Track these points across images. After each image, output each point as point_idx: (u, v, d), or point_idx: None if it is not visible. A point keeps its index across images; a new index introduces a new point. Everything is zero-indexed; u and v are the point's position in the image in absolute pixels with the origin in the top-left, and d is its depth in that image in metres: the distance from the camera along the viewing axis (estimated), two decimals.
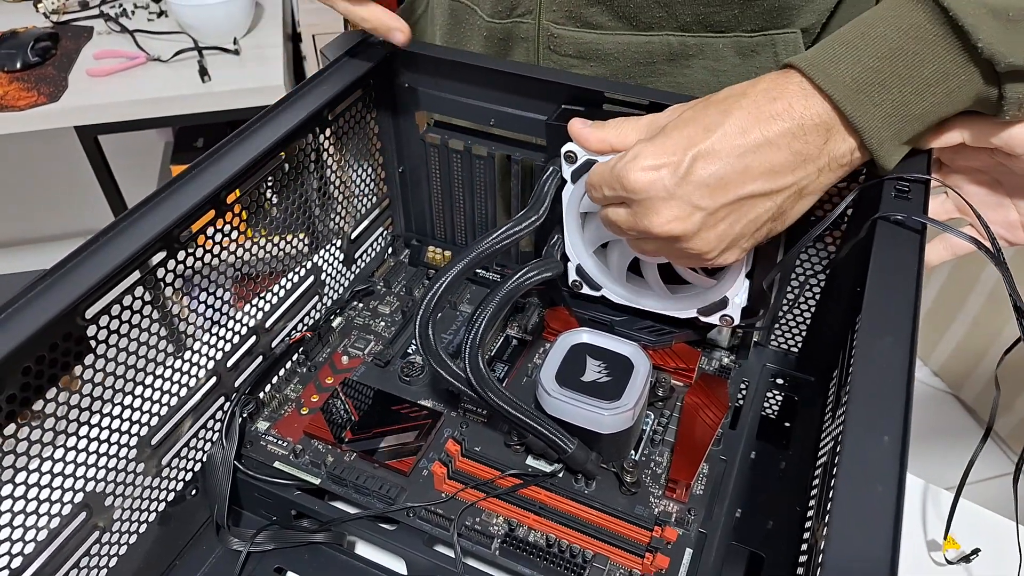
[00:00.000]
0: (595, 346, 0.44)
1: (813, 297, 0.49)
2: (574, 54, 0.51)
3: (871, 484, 0.23)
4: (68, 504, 0.36)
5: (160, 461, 0.41)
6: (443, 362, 0.41)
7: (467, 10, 0.55)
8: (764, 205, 0.35)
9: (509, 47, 0.54)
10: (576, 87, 0.45)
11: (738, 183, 0.34)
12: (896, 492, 0.23)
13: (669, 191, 0.34)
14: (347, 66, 0.48)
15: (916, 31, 0.32)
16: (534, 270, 0.43)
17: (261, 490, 0.44)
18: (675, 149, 0.34)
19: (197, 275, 0.40)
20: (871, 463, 0.24)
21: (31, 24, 1.24)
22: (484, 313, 0.40)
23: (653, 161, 0.34)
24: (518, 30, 0.53)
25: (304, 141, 0.46)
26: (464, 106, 0.51)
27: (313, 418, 0.46)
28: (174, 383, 0.40)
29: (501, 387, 0.40)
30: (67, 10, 1.29)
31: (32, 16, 1.28)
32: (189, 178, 0.38)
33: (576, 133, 0.40)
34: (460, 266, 0.41)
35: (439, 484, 0.42)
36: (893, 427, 0.25)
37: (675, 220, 0.35)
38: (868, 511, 0.23)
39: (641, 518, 0.40)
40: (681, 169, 0.34)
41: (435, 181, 0.57)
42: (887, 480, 0.23)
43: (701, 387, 0.47)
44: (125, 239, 0.34)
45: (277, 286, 0.48)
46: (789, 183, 0.34)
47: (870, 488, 0.23)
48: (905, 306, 0.29)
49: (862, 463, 0.24)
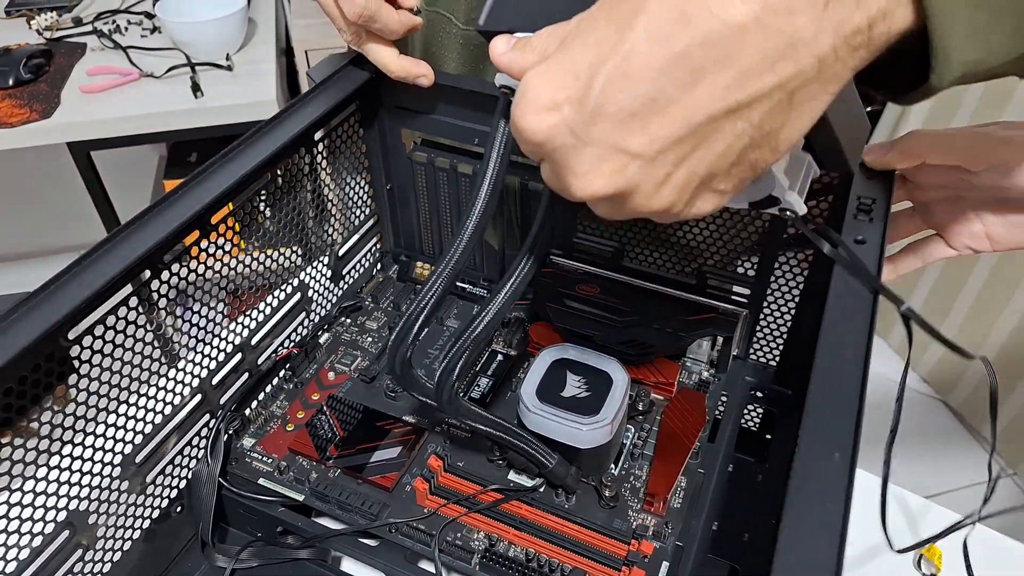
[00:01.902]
0: (575, 361, 0.45)
1: (789, 312, 0.50)
2: None
3: (822, 503, 0.24)
4: (51, 522, 0.36)
5: (145, 478, 0.41)
6: (421, 388, 0.40)
7: (443, 19, 0.57)
8: (733, 128, 0.23)
9: (486, 53, 0.55)
10: None
11: (683, 104, 0.22)
12: (843, 510, 0.24)
13: (579, 137, 0.24)
14: (334, 87, 0.48)
15: None
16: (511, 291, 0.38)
17: (246, 507, 0.44)
18: (577, 71, 0.24)
19: (182, 294, 0.41)
20: (821, 481, 0.24)
21: (24, 41, 1.25)
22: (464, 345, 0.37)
23: (549, 95, 0.24)
24: None
25: (291, 161, 0.47)
26: (449, 126, 0.52)
27: (298, 435, 0.46)
28: (159, 401, 0.41)
29: (478, 409, 0.40)
30: (60, 27, 1.30)
31: (25, 33, 1.29)
32: (175, 199, 0.39)
33: (496, 60, 0.30)
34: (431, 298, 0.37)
35: (421, 500, 0.43)
36: (843, 444, 0.25)
37: (598, 176, 0.24)
38: (816, 529, 0.23)
39: (619, 532, 0.41)
40: (589, 100, 0.23)
41: (422, 198, 0.57)
42: (836, 499, 0.24)
43: (680, 401, 0.48)
44: (109, 260, 0.35)
45: (264, 303, 0.49)
46: (768, 86, 0.22)
47: (821, 505, 0.24)
48: (860, 329, 0.30)
49: (812, 481, 0.25)
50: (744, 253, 0.50)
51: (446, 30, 0.57)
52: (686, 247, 0.51)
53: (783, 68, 0.22)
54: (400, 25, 0.46)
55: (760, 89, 0.22)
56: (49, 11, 1.33)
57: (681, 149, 0.24)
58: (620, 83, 0.23)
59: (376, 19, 0.44)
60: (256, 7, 1.35)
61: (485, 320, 0.36)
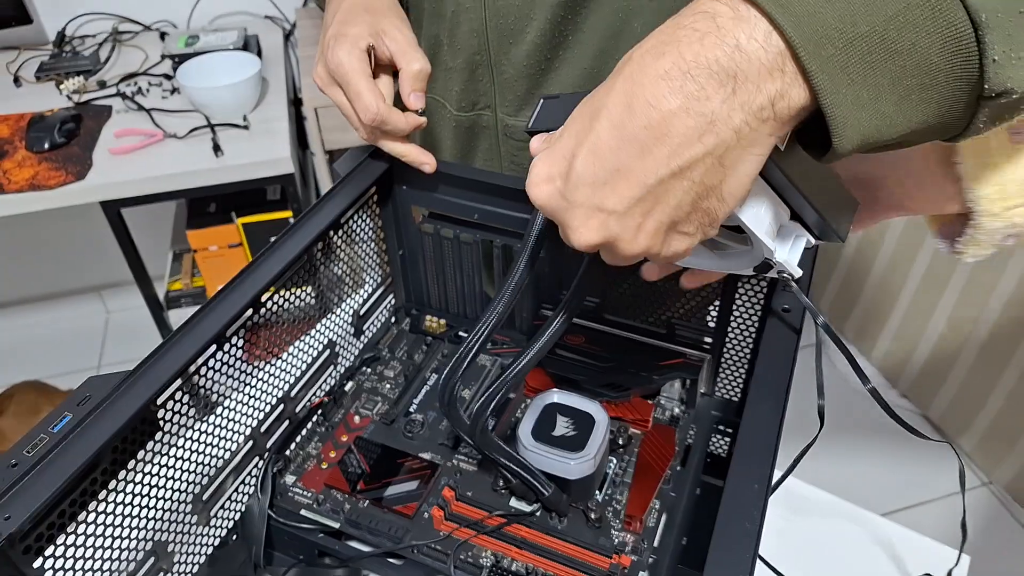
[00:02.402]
0: (564, 405, 0.54)
1: (747, 355, 0.59)
2: (525, 140, 0.62)
3: (741, 521, 0.33)
4: (141, 551, 0.45)
5: (209, 513, 0.50)
6: (464, 425, 0.48)
7: (439, 104, 0.67)
8: (680, 186, 0.30)
9: (475, 135, 0.66)
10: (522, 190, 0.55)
11: (638, 171, 0.30)
12: (758, 528, 0.32)
13: (568, 200, 0.32)
14: (357, 178, 0.58)
15: None
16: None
17: (290, 534, 0.53)
18: (564, 152, 0.32)
19: (238, 362, 0.50)
20: (743, 505, 0.33)
21: (55, 105, 1.35)
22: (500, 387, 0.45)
23: (546, 171, 0.32)
24: (480, 120, 0.65)
25: (324, 241, 0.56)
26: (452, 203, 0.61)
27: (332, 472, 0.55)
28: (220, 448, 0.50)
29: (502, 444, 0.48)
30: (87, 90, 1.41)
31: (55, 97, 1.40)
32: (235, 285, 0.48)
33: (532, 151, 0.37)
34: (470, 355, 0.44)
35: (438, 525, 0.51)
36: (760, 478, 0.34)
37: (587, 230, 0.32)
38: (737, 542, 0.32)
39: (603, 548, 0.49)
40: (573, 174, 0.31)
41: (430, 262, 0.67)
42: (752, 519, 0.33)
43: (654, 435, 0.56)
44: (189, 340, 0.44)
45: (299, 360, 0.58)
46: (699, 153, 0.29)
47: (740, 523, 0.33)
48: (780, 380, 0.39)
49: (736, 505, 0.33)
50: (705, 306, 0.59)
51: (441, 113, 0.67)
52: (657, 302, 0.60)
53: (708, 139, 0.29)
54: (407, 125, 0.55)
55: (693, 156, 0.29)
56: (76, 75, 1.44)
57: (644, 204, 0.31)
58: (592, 159, 0.30)
59: (387, 122, 0.54)
60: (267, 63, 1.45)
61: (519, 366, 0.44)
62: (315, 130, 1.45)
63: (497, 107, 0.63)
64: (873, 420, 1.57)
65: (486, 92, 0.64)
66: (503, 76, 0.63)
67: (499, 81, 0.63)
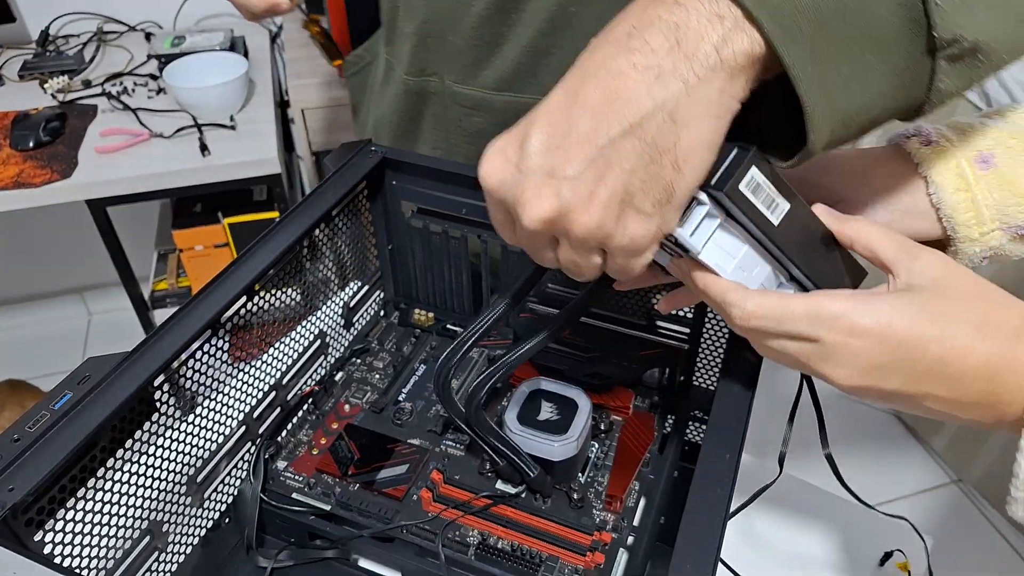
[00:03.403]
0: (548, 391, 0.56)
1: (723, 346, 0.61)
2: (471, 107, 0.66)
3: (713, 488, 0.35)
4: (137, 529, 0.46)
5: (203, 495, 0.51)
6: (456, 407, 0.50)
7: (391, 66, 0.70)
8: (632, 146, 0.29)
9: (423, 99, 0.69)
10: None
11: (589, 132, 0.30)
12: (729, 493, 0.35)
13: (520, 170, 0.31)
14: (347, 173, 0.60)
15: None
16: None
17: (282, 517, 0.54)
18: (518, 130, 0.32)
19: (233, 347, 0.51)
20: (715, 473, 0.35)
21: (39, 104, 1.35)
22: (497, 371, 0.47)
23: (500, 144, 0.32)
24: (428, 87, 0.68)
25: (315, 234, 0.57)
26: (440, 199, 0.63)
27: (323, 457, 0.56)
28: (214, 432, 0.51)
29: (492, 424, 0.50)
30: (72, 89, 1.41)
31: (39, 96, 1.40)
32: (229, 273, 0.50)
33: None
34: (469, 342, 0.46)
35: (426, 506, 0.53)
36: (732, 448, 0.37)
37: (540, 200, 0.31)
38: (709, 507, 0.34)
39: (585, 527, 0.51)
40: (526, 144, 0.31)
41: (418, 256, 0.68)
42: (724, 485, 0.35)
43: (634, 421, 0.59)
44: (189, 322, 0.46)
45: (291, 349, 0.59)
46: (649, 107, 0.29)
47: (712, 491, 0.35)
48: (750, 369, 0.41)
49: (709, 473, 0.36)
50: None
51: (392, 77, 0.71)
52: (638, 295, 0.62)
53: (656, 92, 0.29)
54: None
55: (642, 111, 0.29)
56: (60, 75, 1.44)
57: (597, 167, 0.30)
58: (545, 126, 0.31)
59: None
60: (253, 65, 1.46)
61: (518, 353, 0.45)
62: (302, 132, 1.46)
63: (445, 76, 0.66)
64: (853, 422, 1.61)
65: (435, 60, 0.66)
66: (451, 46, 0.64)
67: (448, 51, 0.65)
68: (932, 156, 0.43)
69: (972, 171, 0.42)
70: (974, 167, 0.42)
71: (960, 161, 0.43)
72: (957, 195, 0.42)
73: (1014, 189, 0.42)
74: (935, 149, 0.43)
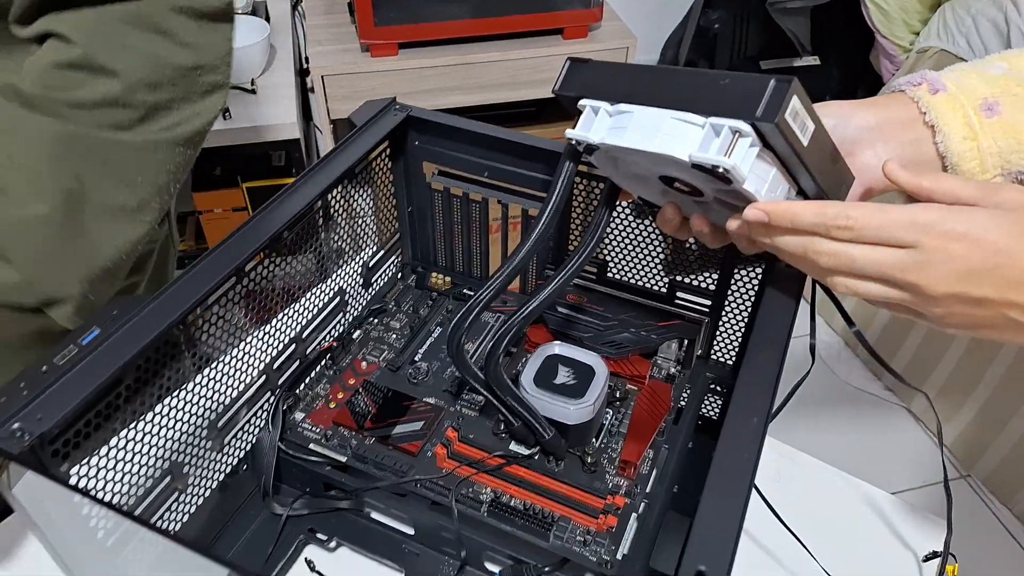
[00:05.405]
0: (565, 356, 0.56)
1: (743, 319, 0.61)
2: None
3: (739, 451, 0.35)
4: (159, 469, 0.47)
5: (223, 440, 0.52)
6: (471, 370, 0.50)
7: None
8: None
9: None
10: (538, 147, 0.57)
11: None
12: (755, 459, 0.35)
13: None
14: (371, 130, 0.59)
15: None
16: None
17: (299, 467, 0.55)
18: None
19: (256, 296, 0.52)
20: (742, 436, 0.35)
21: None
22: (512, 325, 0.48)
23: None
24: None
25: (339, 189, 0.58)
26: (462, 161, 0.63)
27: (340, 411, 0.57)
28: (235, 379, 0.52)
29: (509, 383, 0.50)
30: None
31: None
32: (256, 220, 0.50)
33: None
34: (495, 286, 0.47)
35: (440, 462, 0.53)
36: (760, 411, 0.36)
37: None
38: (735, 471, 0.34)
39: (598, 490, 0.51)
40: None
41: (438, 219, 0.68)
42: (751, 449, 0.35)
43: (650, 390, 0.59)
44: (211, 268, 0.46)
45: (310, 303, 0.59)
46: None
47: (739, 455, 0.35)
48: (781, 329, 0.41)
49: (736, 436, 0.35)
50: (707, 270, 0.61)
51: None
52: (659, 264, 0.62)
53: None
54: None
55: None
56: None
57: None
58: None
59: None
60: (274, 31, 1.46)
61: (532, 305, 0.47)
62: (321, 99, 1.46)
63: None
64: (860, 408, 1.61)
65: None
66: None
67: None
68: (939, 105, 0.44)
69: (978, 119, 0.43)
70: (980, 115, 0.43)
71: (967, 110, 0.43)
72: (964, 144, 0.43)
73: (1018, 136, 0.43)
74: (942, 98, 0.44)
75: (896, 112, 0.45)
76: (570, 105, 0.45)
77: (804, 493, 0.58)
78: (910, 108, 0.45)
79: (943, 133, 0.43)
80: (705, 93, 0.38)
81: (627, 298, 0.64)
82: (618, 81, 0.42)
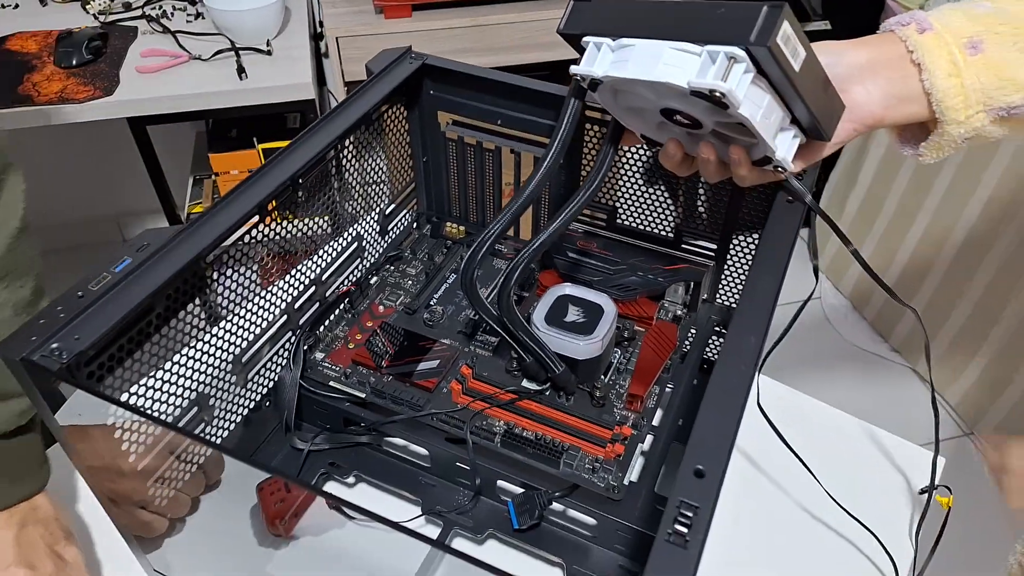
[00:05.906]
0: (575, 296, 0.57)
1: (747, 265, 0.62)
2: None
3: (737, 364, 0.37)
4: (187, 399, 0.49)
5: (247, 375, 0.54)
6: (483, 305, 0.52)
7: None
8: None
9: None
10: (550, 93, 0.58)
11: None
12: (753, 370, 0.36)
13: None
14: (387, 78, 0.61)
15: None
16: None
17: (319, 403, 0.57)
18: None
19: (278, 237, 0.54)
20: (740, 352, 0.37)
21: (82, 24, 1.37)
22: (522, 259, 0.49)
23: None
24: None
25: (355, 135, 0.59)
26: (476, 109, 0.64)
27: (359, 351, 0.59)
28: (259, 316, 0.54)
29: (521, 318, 0.52)
30: (112, 11, 1.42)
31: (81, 16, 1.41)
32: (273, 164, 0.52)
33: None
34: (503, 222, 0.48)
35: (456, 397, 0.55)
36: (757, 332, 0.38)
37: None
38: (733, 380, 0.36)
39: (606, 422, 0.54)
40: None
41: (452, 169, 0.70)
42: (748, 363, 0.37)
43: (657, 330, 0.60)
44: (238, 205, 0.48)
45: (329, 247, 0.61)
46: None
47: (736, 368, 0.36)
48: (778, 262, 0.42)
49: (735, 352, 0.37)
50: (712, 215, 0.62)
51: None
52: (666, 211, 0.63)
53: None
54: None
55: None
56: None
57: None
58: None
59: None
60: None
61: (541, 238, 0.48)
62: (335, 62, 1.46)
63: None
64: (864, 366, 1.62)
65: None
66: None
67: None
68: (926, 43, 0.45)
69: (963, 57, 0.44)
70: (964, 53, 0.44)
71: (952, 48, 0.45)
72: (948, 80, 0.45)
73: (1000, 73, 0.44)
74: (928, 36, 0.45)
75: (885, 51, 0.46)
76: (574, 44, 0.46)
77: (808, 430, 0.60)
78: (899, 47, 0.46)
79: (928, 71, 0.45)
80: (702, 22, 0.40)
81: (635, 243, 0.65)
82: (620, 17, 0.44)
